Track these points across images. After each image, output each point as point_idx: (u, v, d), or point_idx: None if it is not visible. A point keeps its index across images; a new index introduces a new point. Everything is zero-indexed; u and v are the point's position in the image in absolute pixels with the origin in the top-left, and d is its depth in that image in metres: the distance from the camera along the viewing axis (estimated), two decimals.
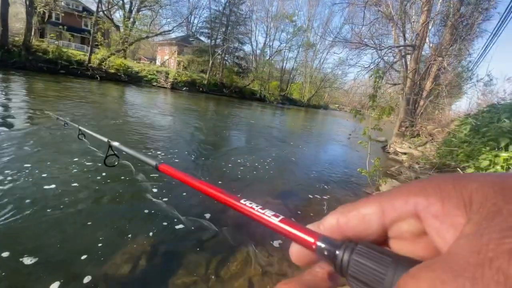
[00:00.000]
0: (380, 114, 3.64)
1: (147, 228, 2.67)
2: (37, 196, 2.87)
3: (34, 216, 2.55)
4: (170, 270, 2.21)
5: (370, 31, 12.83)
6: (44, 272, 1.94)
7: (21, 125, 5.47)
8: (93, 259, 2.14)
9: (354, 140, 12.49)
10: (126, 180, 3.46)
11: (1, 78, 11.97)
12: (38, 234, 2.33)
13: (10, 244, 2.14)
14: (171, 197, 3.41)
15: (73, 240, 2.33)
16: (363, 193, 4.97)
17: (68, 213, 2.70)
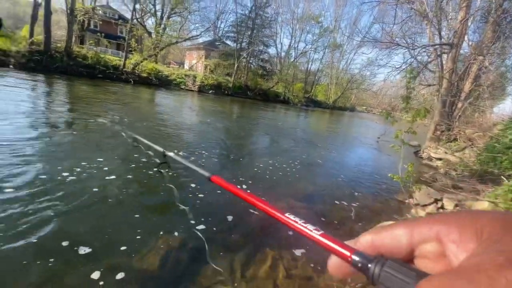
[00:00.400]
0: (414, 116, 3.46)
1: (179, 227, 2.79)
2: (90, 194, 3.14)
3: (90, 210, 2.79)
4: (198, 267, 2.30)
5: (402, 29, 12.22)
6: (90, 259, 2.12)
7: (79, 129, 6.00)
8: (131, 251, 2.29)
9: (383, 144, 11.98)
10: (168, 186, 3.65)
11: (47, 81, 13.21)
12: (94, 226, 2.55)
13: (69, 232, 2.37)
14: (201, 198, 3.54)
15: (117, 233, 2.52)
16: (395, 201, 4.75)
17: (117, 210, 2.92)
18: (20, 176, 3.19)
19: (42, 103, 8.27)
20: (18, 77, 12.27)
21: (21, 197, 2.77)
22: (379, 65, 22.18)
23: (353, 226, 3.49)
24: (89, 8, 24.00)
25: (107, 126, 2.37)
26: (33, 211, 2.56)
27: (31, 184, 3.07)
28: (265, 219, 3.28)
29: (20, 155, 3.79)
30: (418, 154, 10.72)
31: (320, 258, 2.68)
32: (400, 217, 3.94)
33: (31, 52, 17.12)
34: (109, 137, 5.42)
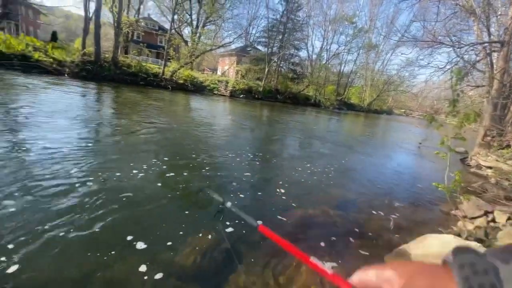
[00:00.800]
0: (463, 121, 3.18)
1: (216, 227, 2.90)
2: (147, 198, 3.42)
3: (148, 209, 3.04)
4: (231, 266, 2.36)
5: (446, 27, 11.32)
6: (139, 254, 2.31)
7: (141, 132, 6.57)
8: (173, 248, 2.44)
9: (425, 150, 11.13)
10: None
11: (100, 88, 14.60)
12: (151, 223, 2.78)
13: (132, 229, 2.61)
14: (238, 200, 3.64)
15: (162, 231, 2.70)
16: (439, 212, 4.39)
17: (166, 213, 3.15)
18: (88, 173, 3.58)
19: (106, 109, 9.18)
20: (75, 85, 13.77)
21: (90, 192, 3.11)
22: (420, 66, 20.62)
23: (391, 237, 3.30)
24: (133, 20, 26.12)
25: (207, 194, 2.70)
26: (94, 207, 2.86)
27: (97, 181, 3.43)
28: (300, 220, 3.27)
29: (92, 154, 4.26)
30: (465, 161, 9.78)
31: (355, 270, 2.58)
32: (445, 230, 3.63)
33: (83, 62, 19.13)
34: (172, 144, 5.84)
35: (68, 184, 3.26)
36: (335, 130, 14.95)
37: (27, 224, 2.41)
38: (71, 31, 73.68)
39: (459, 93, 3.56)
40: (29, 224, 2.42)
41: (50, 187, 3.13)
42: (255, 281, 2.23)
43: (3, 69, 14.96)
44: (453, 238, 2.75)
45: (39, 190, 3.02)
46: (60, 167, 3.71)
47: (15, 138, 4.65)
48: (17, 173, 3.32)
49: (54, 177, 3.37)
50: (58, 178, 3.38)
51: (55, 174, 3.46)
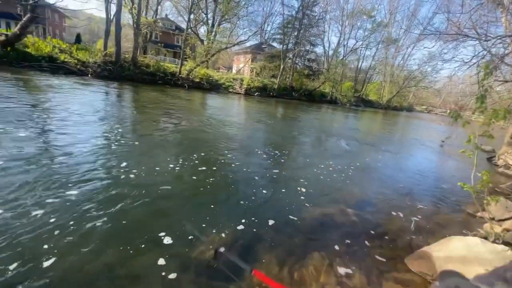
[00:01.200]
0: (491, 118, 3.01)
1: (234, 223, 2.94)
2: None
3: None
4: (246, 263, 2.39)
5: (471, 19, 10.67)
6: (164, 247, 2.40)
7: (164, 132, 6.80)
8: (192, 243, 2.51)
9: (449, 149, 10.63)
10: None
11: (119, 87, 15.14)
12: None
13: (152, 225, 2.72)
14: (253, 198, 3.68)
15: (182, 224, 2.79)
16: (464, 213, 4.20)
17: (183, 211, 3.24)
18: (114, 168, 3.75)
19: (130, 107, 9.54)
20: (98, 85, 14.38)
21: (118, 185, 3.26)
22: (444, 60, 19.54)
23: (412, 239, 3.20)
24: (151, 21, 26.75)
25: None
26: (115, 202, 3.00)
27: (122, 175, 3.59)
28: (316, 219, 3.25)
29: (118, 148, 4.46)
30: (492, 160, 9.26)
31: (375, 271, 2.54)
32: (470, 232, 3.47)
33: (105, 62, 19.90)
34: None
35: (96, 179, 3.42)
36: (352, 128, 14.62)
37: (61, 216, 2.57)
38: (94, 33, 76.86)
39: (487, 88, 3.36)
40: (64, 215, 2.58)
41: (81, 181, 3.30)
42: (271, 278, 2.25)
43: (33, 70, 15.87)
44: (479, 241, 2.63)
45: (70, 184, 3.20)
46: (90, 162, 3.90)
47: (50, 137, 4.93)
48: (53, 168, 3.53)
49: (84, 172, 3.56)
50: (88, 172, 3.56)
51: (86, 169, 3.65)
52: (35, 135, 4.81)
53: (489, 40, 9.54)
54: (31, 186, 3.03)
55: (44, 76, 14.53)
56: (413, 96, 52.63)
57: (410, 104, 53.97)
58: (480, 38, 9.89)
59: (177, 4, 33.35)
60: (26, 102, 7.36)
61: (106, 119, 7.03)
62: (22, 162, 3.58)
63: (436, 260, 2.57)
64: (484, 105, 3.28)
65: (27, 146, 4.18)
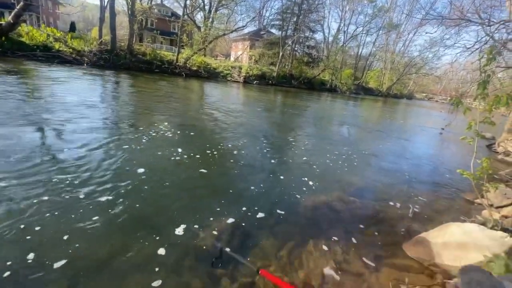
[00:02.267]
0: (493, 104, 2.96)
1: (232, 213, 2.95)
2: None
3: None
4: (247, 250, 2.40)
5: (475, 3, 10.39)
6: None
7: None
8: (190, 231, 2.52)
9: (448, 136, 10.62)
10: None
11: (115, 76, 14.91)
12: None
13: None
14: (257, 186, 3.68)
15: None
16: (463, 200, 4.22)
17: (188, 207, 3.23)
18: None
19: (127, 97, 9.42)
20: (94, 74, 14.15)
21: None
22: (445, 46, 19.24)
23: (410, 225, 3.23)
24: (146, 7, 26.04)
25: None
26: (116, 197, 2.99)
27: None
28: (315, 207, 3.26)
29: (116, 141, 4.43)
30: (493, 147, 9.28)
31: (373, 256, 2.57)
32: (469, 219, 3.50)
33: (100, 51, 19.51)
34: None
35: (93, 170, 3.40)
36: (352, 116, 14.54)
37: (63, 206, 2.57)
38: (88, 20, 75.04)
39: (490, 74, 3.30)
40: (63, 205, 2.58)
41: (78, 171, 3.28)
42: (270, 264, 2.27)
43: (28, 59, 15.56)
44: (477, 227, 2.64)
45: (67, 178, 3.19)
46: (86, 154, 3.88)
47: (46, 130, 4.88)
48: (51, 161, 3.51)
49: (84, 162, 3.53)
50: (86, 162, 3.54)
51: (85, 160, 3.62)
52: (32, 128, 4.76)
53: (492, 25, 9.32)
54: (29, 177, 3.01)
55: (39, 65, 14.26)
56: (414, 84, 52.16)
57: (411, 92, 53.59)
58: (483, 23, 9.66)
59: None
60: (21, 93, 7.25)
61: (103, 110, 6.95)
62: (21, 155, 3.54)
63: (433, 246, 2.60)
64: (486, 91, 3.23)
65: (25, 138, 4.14)
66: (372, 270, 2.39)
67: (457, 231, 2.64)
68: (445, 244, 2.55)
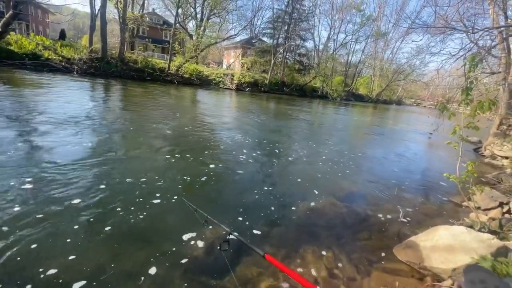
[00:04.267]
0: (477, 109, 3.06)
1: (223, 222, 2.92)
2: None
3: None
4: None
5: (459, 12, 10.81)
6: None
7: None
8: (177, 241, 2.47)
9: (436, 140, 10.86)
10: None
11: (106, 85, 14.76)
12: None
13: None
14: (248, 196, 3.65)
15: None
16: (451, 203, 4.30)
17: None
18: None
19: (116, 105, 9.31)
20: (84, 82, 13.99)
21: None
22: (431, 53, 19.80)
23: (400, 229, 3.26)
24: (138, 16, 26.09)
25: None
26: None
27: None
28: (308, 212, 3.26)
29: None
30: (479, 151, 9.52)
31: (364, 261, 2.58)
32: (457, 222, 3.56)
33: (91, 59, 19.35)
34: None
35: (79, 179, 3.33)
36: (342, 122, 14.74)
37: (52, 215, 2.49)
38: (79, 28, 74.60)
39: (472, 80, 3.41)
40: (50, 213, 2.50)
41: (65, 182, 3.21)
42: (260, 272, 2.25)
43: (16, 68, 15.30)
44: (464, 230, 2.69)
45: (56, 191, 3.11)
46: (77, 168, 3.80)
47: (37, 136, 4.77)
48: (40, 171, 3.42)
49: (69, 172, 3.46)
50: (76, 178, 3.46)
51: (70, 169, 3.54)
52: (19, 139, 4.65)
53: (476, 32, 9.67)
54: (17, 189, 2.92)
55: (27, 74, 14.02)
56: (402, 90, 53.46)
57: (400, 98, 54.86)
58: (468, 31, 10.02)
59: None
60: (6, 104, 7.09)
61: (91, 120, 6.86)
62: (11, 166, 3.45)
63: (423, 249, 2.63)
64: (470, 97, 3.34)
65: (13, 149, 4.03)
66: (364, 275, 2.40)
67: (445, 234, 2.68)
68: (434, 247, 2.58)
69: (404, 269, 2.55)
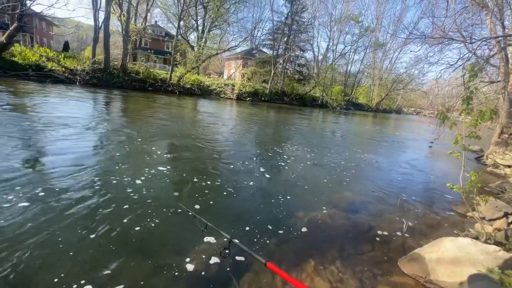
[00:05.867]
0: (478, 118, 3.06)
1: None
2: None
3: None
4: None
5: (456, 22, 11.01)
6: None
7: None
8: (181, 254, 2.42)
9: (438, 150, 10.83)
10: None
11: (108, 95, 14.91)
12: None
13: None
14: (248, 207, 3.62)
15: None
16: (455, 214, 4.24)
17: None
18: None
19: (119, 115, 9.36)
20: (87, 92, 14.13)
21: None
22: (430, 63, 19.99)
23: (404, 241, 3.20)
24: (140, 28, 26.65)
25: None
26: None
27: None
28: (311, 224, 3.21)
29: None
30: (481, 160, 9.48)
31: (369, 274, 2.51)
32: (462, 233, 3.50)
33: (94, 70, 19.62)
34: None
35: (81, 189, 3.30)
36: (343, 131, 14.76)
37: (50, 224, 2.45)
38: (82, 40, 76.08)
39: (472, 89, 3.43)
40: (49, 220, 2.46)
41: (66, 191, 3.18)
42: (261, 286, 2.19)
43: (20, 79, 15.50)
44: (470, 241, 2.63)
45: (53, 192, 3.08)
46: (76, 171, 3.78)
47: (38, 145, 4.77)
48: (44, 181, 3.40)
49: (68, 182, 3.43)
50: (72, 182, 3.44)
51: (70, 179, 3.52)
52: (24, 149, 4.65)
53: (474, 42, 9.80)
54: (24, 197, 2.89)
55: (31, 85, 14.18)
56: (402, 99, 53.83)
57: (399, 106, 55.15)
58: (465, 41, 10.15)
59: (167, 11, 33.38)
60: (9, 114, 7.14)
61: (94, 129, 6.88)
62: (15, 176, 3.43)
63: (428, 262, 2.56)
64: (470, 106, 3.34)
65: (18, 161, 4.02)
66: None
67: (450, 246, 2.63)
68: (439, 259, 2.52)
69: (410, 282, 2.47)
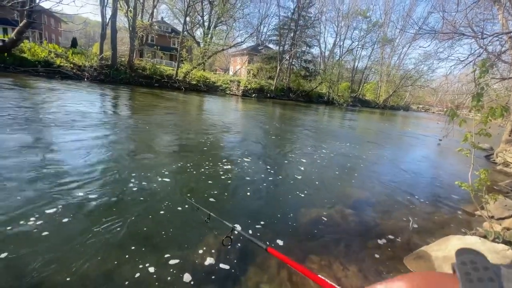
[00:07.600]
0: (488, 116, 2.99)
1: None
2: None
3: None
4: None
5: (467, 17, 10.71)
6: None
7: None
8: (188, 249, 2.46)
9: (446, 147, 10.65)
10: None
11: (116, 91, 15.06)
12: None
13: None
14: (253, 203, 3.63)
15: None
16: (463, 212, 4.18)
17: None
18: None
19: (127, 111, 9.48)
20: (94, 88, 14.31)
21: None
22: (439, 59, 19.61)
23: (410, 238, 3.17)
24: (147, 24, 26.70)
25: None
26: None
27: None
28: (311, 222, 3.21)
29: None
30: (491, 158, 9.29)
31: (374, 271, 2.51)
32: (469, 231, 3.45)
33: (101, 66, 19.83)
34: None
35: (91, 183, 3.37)
36: (349, 128, 14.63)
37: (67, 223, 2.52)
38: (90, 36, 76.85)
39: (483, 86, 3.35)
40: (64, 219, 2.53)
41: (73, 184, 3.25)
42: (266, 279, 2.21)
43: (29, 75, 15.77)
44: (478, 240, 2.61)
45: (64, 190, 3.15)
46: (86, 167, 3.85)
47: (49, 140, 4.87)
48: (52, 176, 3.48)
49: (76, 175, 3.50)
50: (79, 176, 3.51)
51: (79, 173, 3.60)
52: (33, 142, 4.75)
53: (485, 37, 9.54)
54: (31, 194, 2.97)
55: (40, 81, 14.43)
56: (410, 95, 52.91)
57: (407, 103, 54.26)
58: (476, 36, 9.89)
59: (173, 7, 33.34)
60: (21, 108, 7.28)
61: (101, 125, 6.97)
62: (24, 171, 3.52)
63: (434, 259, 2.55)
64: (481, 103, 3.27)
65: (29, 154, 4.12)
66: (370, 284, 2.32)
67: (458, 244, 2.60)
68: (446, 257, 2.50)
69: None
